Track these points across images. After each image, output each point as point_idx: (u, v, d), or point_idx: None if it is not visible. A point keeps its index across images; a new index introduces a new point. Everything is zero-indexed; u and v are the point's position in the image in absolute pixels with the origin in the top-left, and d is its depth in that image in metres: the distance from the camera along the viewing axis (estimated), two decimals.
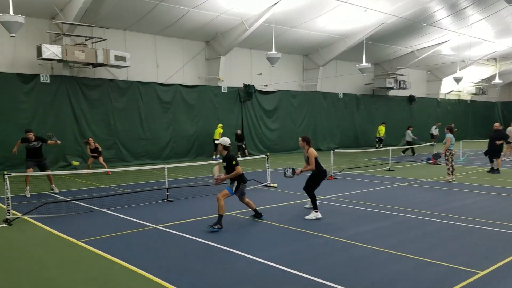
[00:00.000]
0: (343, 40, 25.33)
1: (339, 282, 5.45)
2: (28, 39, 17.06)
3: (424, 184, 13.81)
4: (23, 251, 6.97)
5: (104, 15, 17.90)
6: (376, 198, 11.17)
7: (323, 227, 8.21)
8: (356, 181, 14.38)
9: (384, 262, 6.26)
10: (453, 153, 14.36)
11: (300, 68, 27.89)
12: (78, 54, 16.71)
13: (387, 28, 24.15)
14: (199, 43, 22.76)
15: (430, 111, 35.87)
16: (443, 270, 5.92)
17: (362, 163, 19.84)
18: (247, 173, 15.70)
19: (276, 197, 11.54)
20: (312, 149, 9.12)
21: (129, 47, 19.95)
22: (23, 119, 16.90)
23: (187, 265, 6.21)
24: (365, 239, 7.36)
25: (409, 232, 7.94)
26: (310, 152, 9.03)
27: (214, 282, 5.54)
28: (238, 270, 5.98)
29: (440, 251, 6.77)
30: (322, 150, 27.15)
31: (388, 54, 30.20)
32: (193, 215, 9.05)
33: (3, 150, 16.48)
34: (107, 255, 6.59)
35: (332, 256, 6.59)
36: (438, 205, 10.39)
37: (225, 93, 23.18)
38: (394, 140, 31.55)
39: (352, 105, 30.06)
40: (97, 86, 18.89)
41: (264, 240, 7.47)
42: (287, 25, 22.16)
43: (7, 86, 16.55)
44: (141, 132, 20.17)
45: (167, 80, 21.44)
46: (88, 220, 9.06)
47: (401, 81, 31.22)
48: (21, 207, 9.79)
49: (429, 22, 24.63)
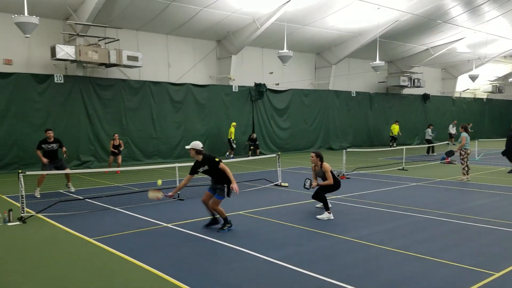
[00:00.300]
0: (356, 37, 25.12)
1: (350, 282, 5.37)
2: (42, 39, 17.25)
3: (439, 183, 13.61)
4: (37, 248, 7.04)
5: (117, 15, 18.03)
6: (389, 198, 11.04)
7: (335, 227, 8.13)
8: (369, 181, 14.25)
9: (397, 263, 6.18)
10: (469, 152, 14.14)
11: (312, 66, 27.75)
12: (91, 54, 16.85)
13: (401, 25, 23.89)
14: (211, 42, 22.78)
15: (445, 109, 35.39)
16: (457, 271, 5.82)
17: (375, 162, 19.67)
18: (258, 173, 15.74)
19: (287, 196, 11.48)
20: (326, 164, 9.10)
21: (141, 47, 20.06)
22: (37, 118, 17.13)
23: (198, 263, 6.20)
24: (378, 240, 7.26)
25: (423, 233, 7.82)
26: (325, 168, 9.02)
27: (224, 281, 5.51)
28: (248, 269, 5.94)
29: (454, 252, 6.65)
30: (335, 149, 27.01)
31: (402, 51, 29.87)
32: (203, 214, 9.02)
33: (18, 149, 16.74)
34: (119, 253, 6.62)
35: (343, 256, 6.52)
36: (452, 205, 10.23)
37: (236, 92, 23.17)
38: (408, 139, 31.28)
39: (365, 104, 29.79)
40: (110, 86, 19.04)
41: (274, 240, 7.42)
42: (299, 23, 22.05)
43: (22, 86, 16.77)
44: (152, 132, 20.26)
45: (178, 80, 21.50)
46: (101, 218, 9.13)
47: (415, 79, 30.88)
48: (35, 205, 9.89)
49: (445, 19, 24.29)
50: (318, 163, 9.11)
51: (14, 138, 16.67)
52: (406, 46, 28.92)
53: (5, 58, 16.91)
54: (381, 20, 22.58)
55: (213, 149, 22.18)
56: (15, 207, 9.44)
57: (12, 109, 16.64)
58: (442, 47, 29.44)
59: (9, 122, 16.58)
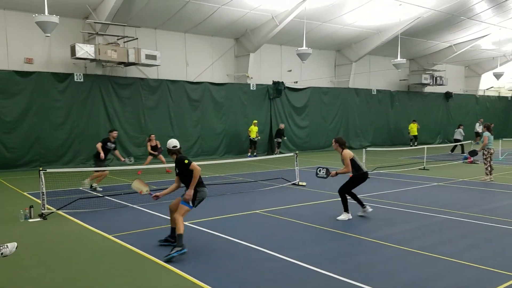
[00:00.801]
0: (377, 34, 24.74)
1: (369, 283, 5.26)
2: (62, 38, 17.47)
3: (461, 184, 13.29)
4: (57, 244, 7.11)
5: (136, 14, 18.14)
6: (410, 198, 10.83)
7: (353, 227, 7.98)
8: (389, 180, 14.01)
9: (417, 264, 6.02)
10: (492, 152, 13.78)
11: (332, 64, 27.46)
12: (110, 53, 16.99)
13: (424, 22, 23.43)
14: (229, 40, 22.74)
15: (468, 108, 34.64)
16: (479, 273, 5.65)
17: (395, 161, 19.35)
18: (275, 171, 15.63)
19: (305, 196, 11.35)
20: (347, 150, 8.62)
21: (159, 45, 20.14)
22: (57, 117, 17.38)
23: (215, 261, 6.16)
24: (398, 240, 7.10)
25: (444, 233, 7.62)
26: (344, 154, 8.55)
27: (241, 280, 5.46)
28: (265, 268, 5.87)
29: (476, 253, 6.48)
30: (354, 148, 26.66)
31: (424, 49, 29.31)
32: (220, 212, 8.99)
33: (39, 147, 17.00)
34: (138, 250, 6.64)
35: (363, 256, 6.38)
36: (474, 206, 9.97)
37: (254, 90, 23.08)
38: (430, 138, 30.73)
39: (386, 102, 29.36)
40: (128, 85, 19.18)
41: (292, 239, 7.31)
42: (319, 20, 21.81)
43: (42, 85, 17.03)
44: (170, 130, 20.33)
45: (196, 78, 21.52)
46: (120, 215, 9.19)
47: (437, 77, 30.31)
48: (55, 202, 10.02)
49: (469, 16, 23.71)
50: (339, 149, 8.66)
51: (35, 136, 16.93)
52: (428, 43, 28.37)
53: (26, 57, 17.17)
54: (403, 16, 22.18)
55: (230, 148, 22.20)
56: (36, 204, 9.56)
57: (33, 107, 16.91)
58: (466, 44, 28.76)
59: (30, 120, 16.84)
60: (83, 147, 17.94)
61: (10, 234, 7.66)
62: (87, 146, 17.92)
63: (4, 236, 7.27)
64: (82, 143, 17.92)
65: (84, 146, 17.93)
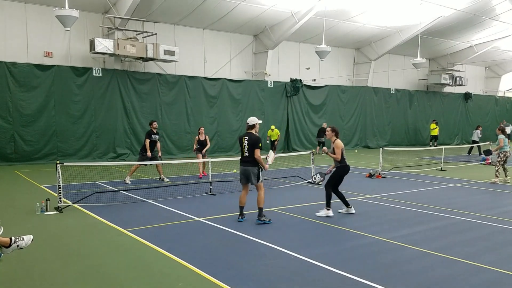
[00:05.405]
0: (397, 33, 24.45)
1: (384, 284, 5.19)
2: (82, 33, 17.65)
3: (478, 185, 13.05)
4: (72, 238, 7.16)
5: (155, 9, 18.21)
6: (426, 199, 10.66)
7: (369, 227, 7.89)
8: (406, 181, 13.83)
9: (433, 265, 5.92)
10: (508, 155, 13.52)
11: (351, 62, 27.22)
12: (129, 48, 17.10)
13: (444, 21, 23.07)
14: (247, 37, 22.70)
15: (487, 109, 34.06)
16: (496, 276, 5.55)
17: (412, 162, 19.10)
18: (291, 169, 15.55)
19: (320, 194, 11.22)
20: (339, 141, 8.98)
21: (178, 41, 20.21)
22: (76, 110, 17.58)
23: (230, 258, 6.14)
24: (414, 241, 7.00)
25: (461, 235, 7.49)
26: (337, 143, 8.89)
27: (255, 277, 5.44)
28: (279, 266, 5.83)
29: (493, 255, 6.36)
30: (371, 147, 26.47)
31: (444, 48, 28.87)
32: (234, 209, 8.97)
33: (57, 140, 17.22)
34: (152, 245, 6.66)
35: (378, 257, 6.30)
36: (492, 207, 9.80)
37: (271, 87, 23.01)
38: (448, 139, 30.29)
39: (404, 101, 29.03)
40: (146, 80, 19.29)
41: (307, 238, 7.27)
42: (339, 18, 21.63)
43: (61, 78, 17.25)
44: (187, 126, 20.41)
45: (214, 75, 21.55)
46: (135, 210, 9.22)
47: (457, 77, 29.86)
48: (72, 196, 10.13)
49: (490, 16, 23.25)
50: (333, 138, 8.99)
51: (53, 130, 17.15)
52: (448, 43, 27.92)
53: (45, 51, 17.39)
54: (424, 16, 21.84)
55: None
56: (53, 197, 9.65)
57: (52, 101, 17.13)
58: (487, 45, 28.25)
59: (48, 113, 17.07)
60: (100, 141, 18.14)
61: (27, 226, 7.74)
62: (104, 140, 18.14)
63: (20, 229, 7.32)
64: (99, 137, 18.11)
65: (101, 140, 18.13)
